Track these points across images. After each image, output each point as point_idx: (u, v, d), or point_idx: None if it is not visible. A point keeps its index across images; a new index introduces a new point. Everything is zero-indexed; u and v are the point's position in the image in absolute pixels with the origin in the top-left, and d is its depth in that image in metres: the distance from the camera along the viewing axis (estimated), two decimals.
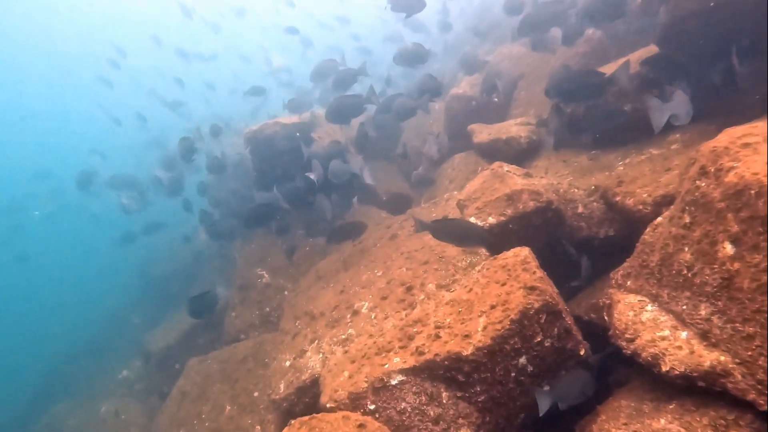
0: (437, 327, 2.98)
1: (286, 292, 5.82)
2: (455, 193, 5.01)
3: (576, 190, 4.14)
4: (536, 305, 2.68)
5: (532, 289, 2.74)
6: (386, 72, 11.37)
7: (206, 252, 9.63)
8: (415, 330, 3.10)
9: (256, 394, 4.57)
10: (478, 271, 3.22)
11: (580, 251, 3.64)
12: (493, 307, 2.79)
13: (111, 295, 13.78)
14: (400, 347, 3.01)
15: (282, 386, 3.83)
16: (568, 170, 4.52)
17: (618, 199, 3.26)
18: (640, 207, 3.06)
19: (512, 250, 3.13)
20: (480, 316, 2.80)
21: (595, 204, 3.91)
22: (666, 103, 3.70)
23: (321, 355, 3.74)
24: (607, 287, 3.12)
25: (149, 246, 11.55)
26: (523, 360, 2.75)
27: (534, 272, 2.83)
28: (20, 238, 18.34)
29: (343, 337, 3.72)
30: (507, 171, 4.15)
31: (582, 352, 2.87)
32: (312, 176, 5.42)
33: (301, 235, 5.89)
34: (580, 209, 4.00)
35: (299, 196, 5.95)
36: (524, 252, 3.03)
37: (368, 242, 4.97)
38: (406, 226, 4.83)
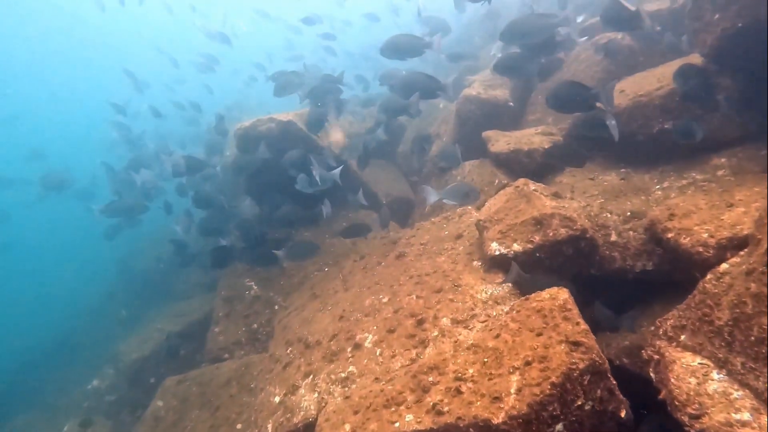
0: (458, 379, 2.59)
1: (276, 307, 5.38)
2: (470, 208, 4.61)
3: (608, 215, 3.77)
4: (581, 365, 2.30)
5: (576, 345, 2.36)
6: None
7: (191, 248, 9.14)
8: (430, 379, 2.71)
9: (239, 426, 4.14)
10: (507, 313, 2.82)
11: (619, 312, 3.28)
12: (528, 363, 2.40)
13: (90, 289, 13.19)
14: (414, 401, 2.62)
15: (270, 427, 3.42)
16: (597, 190, 4.15)
17: (671, 236, 2.88)
18: (700, 249, 2.69)
19: (547, 291, 2.74)
20: (512, 373, 2.41)
21: (631, 233, 3.54)
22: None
23: (316, 395, 3.33)
24: (652, 336, 2.76)
25: (132, 238, 10.96)
26: (559, 427, 2.37)
27: (577, 323, 2.45)
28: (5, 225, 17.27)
29: (343, 375, 3.31)
30: (533, 190, 3.76)
31: (623, 414, 2.51)
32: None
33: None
34: (614, 237, 3.63)
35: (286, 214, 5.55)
36: (562, 295, 2.65)
37: (371, 259, 4.55)
38: (415, 243, 4.42)
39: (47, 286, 16.23)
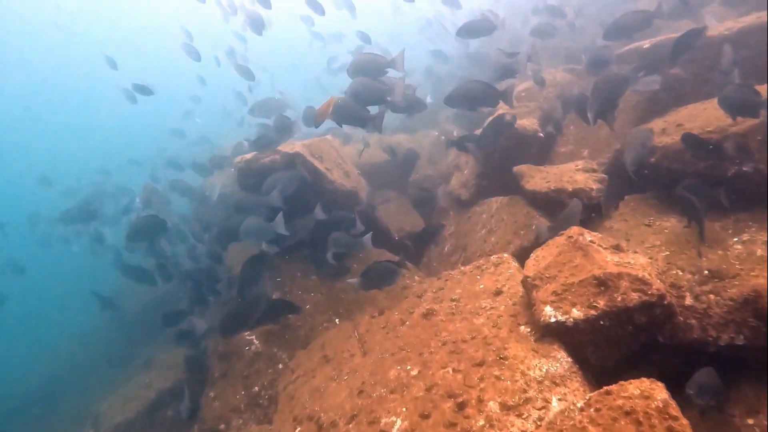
0: None
1: (280, 366, 4.81)
2: (506, 256, 4.11)
3: (679, 272, 3.28)
4: None
5: None
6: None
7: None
8: None
9: None
10: (581, 410, 2.29)
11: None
12: None
13: (76, 329, 12.53)
14: None
15: None
16: (658, 239, 3.66)
17: None
18: None
19: (634, 383, 2.22)
20: None
21: (712, 296, 3.04)
22: None
23: None
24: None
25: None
26: None
27: None
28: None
29: None
30: (590, 241, 3.27)
31: None
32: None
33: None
34: (689, 300, 3.13)
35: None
36: (659, 393, 2.12)
37: (393, 316, 4.03)
38: (445, 298, 3.91)
39: (30, 322, 15.45)
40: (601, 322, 2.89)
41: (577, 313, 2.92)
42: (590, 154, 5.36)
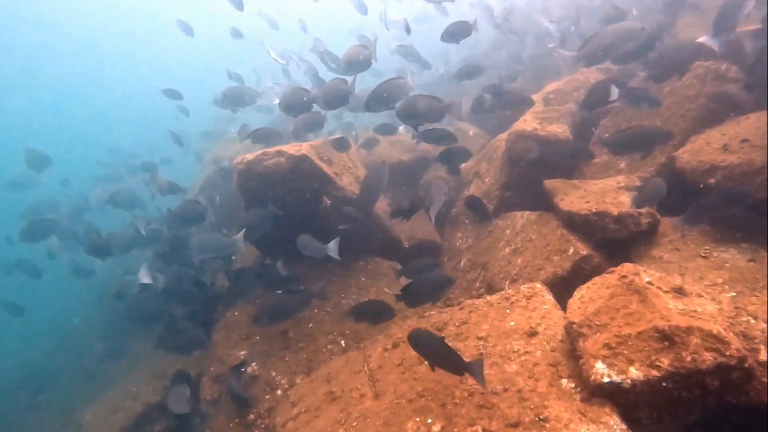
0: None
1: (279, 393, 4.41)
2: (539, 286, 3.67)
3: (751, 321, 2.83)
4: None
5: None
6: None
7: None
8: None
9: None
10: None
11: None
12: None
13: (64, 318, 12.16)
14: None
15: None
16: (720, 275, 3.22)
17: None
18: None
19: None
20: None
21: None
22: None
23: None
24: None
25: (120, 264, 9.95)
26: None
27: None
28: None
29: None
30: (648, 282, 2.82)
31: None
32: None
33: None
34: (763, 356, 2.69)
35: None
36: None
37: (410, 351, 3.59)
38: (470, 334, 3.46)
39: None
40: (664, 384, 2.46)
41: (635, 372, 2.48)
42: (628, 165, 4.89)
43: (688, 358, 2.41)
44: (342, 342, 4.74)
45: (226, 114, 9.03)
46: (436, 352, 2.84)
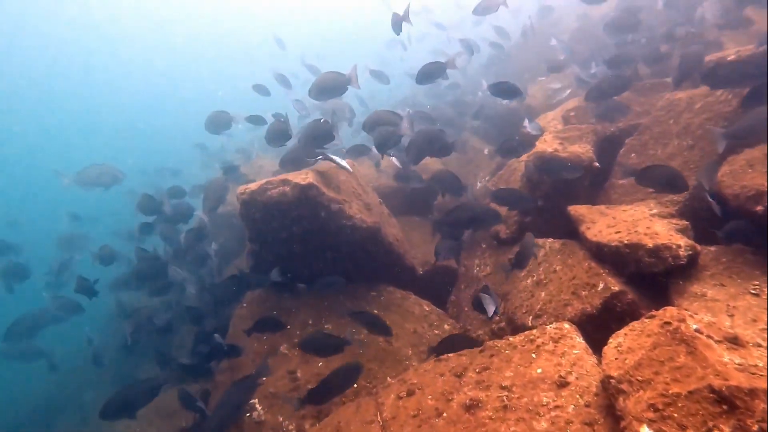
0: None
1: None
2: (567, 327, 3.35)
3: None
4: None
5: None
6: None
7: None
8: None
9: None
10: None
11: None
12: None
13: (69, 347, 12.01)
14: None
15: None
16: None
17: None
18: None
19: None
20: None
21: None
22: None
23: None
24: None
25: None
26: None
27: None
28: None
29: None
30: (696, 330, 2.50)
31: None
32: None
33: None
34: None
35: None
36: None
37: (425, 400, 3.30)
38: (492, 382, 3.15)
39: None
40: None
41: None
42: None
43: (755, 428, 2.08)
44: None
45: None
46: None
